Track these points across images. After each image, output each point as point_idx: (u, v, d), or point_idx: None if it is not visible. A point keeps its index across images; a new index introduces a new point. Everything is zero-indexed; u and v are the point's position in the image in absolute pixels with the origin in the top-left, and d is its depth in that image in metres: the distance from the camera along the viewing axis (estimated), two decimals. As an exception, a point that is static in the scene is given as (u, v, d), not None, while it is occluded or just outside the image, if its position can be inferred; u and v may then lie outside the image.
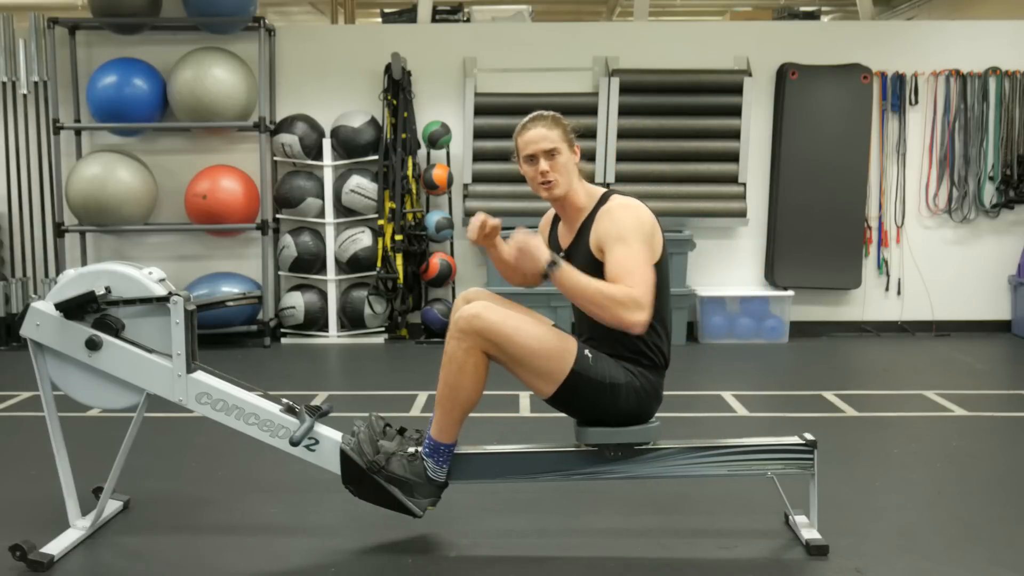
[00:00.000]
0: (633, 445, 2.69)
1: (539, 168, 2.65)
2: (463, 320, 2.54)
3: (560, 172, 2.65)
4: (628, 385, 2.61)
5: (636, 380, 2.62)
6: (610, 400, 2.61)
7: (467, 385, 2.57)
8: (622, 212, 2.61)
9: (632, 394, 2.62)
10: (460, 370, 2.56)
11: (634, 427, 2.67)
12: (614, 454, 2.69)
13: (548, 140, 2.65)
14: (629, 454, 2.69)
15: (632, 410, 2.64)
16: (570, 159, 2.68)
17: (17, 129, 6.48)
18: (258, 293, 6.30)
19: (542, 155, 2.65)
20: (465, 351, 2.54)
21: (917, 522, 2.98)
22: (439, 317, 6.40)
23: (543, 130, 2.65)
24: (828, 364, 5.83)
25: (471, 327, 2.52)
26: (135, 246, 6.66)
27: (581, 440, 2.70)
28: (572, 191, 2.69)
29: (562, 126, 2.69)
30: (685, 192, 6.44)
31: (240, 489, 3.32)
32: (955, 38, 6.62)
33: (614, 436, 2.67)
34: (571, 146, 2.69)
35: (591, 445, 2.70)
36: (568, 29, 6.85)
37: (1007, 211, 6.68)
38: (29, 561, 2.59)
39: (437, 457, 2.65)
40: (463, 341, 2.54)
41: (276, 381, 5.13)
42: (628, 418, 2.66)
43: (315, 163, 6.47)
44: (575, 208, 2.72)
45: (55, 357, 2.75)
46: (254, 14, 6.37)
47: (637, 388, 2.62)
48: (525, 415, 4.31)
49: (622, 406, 2.62)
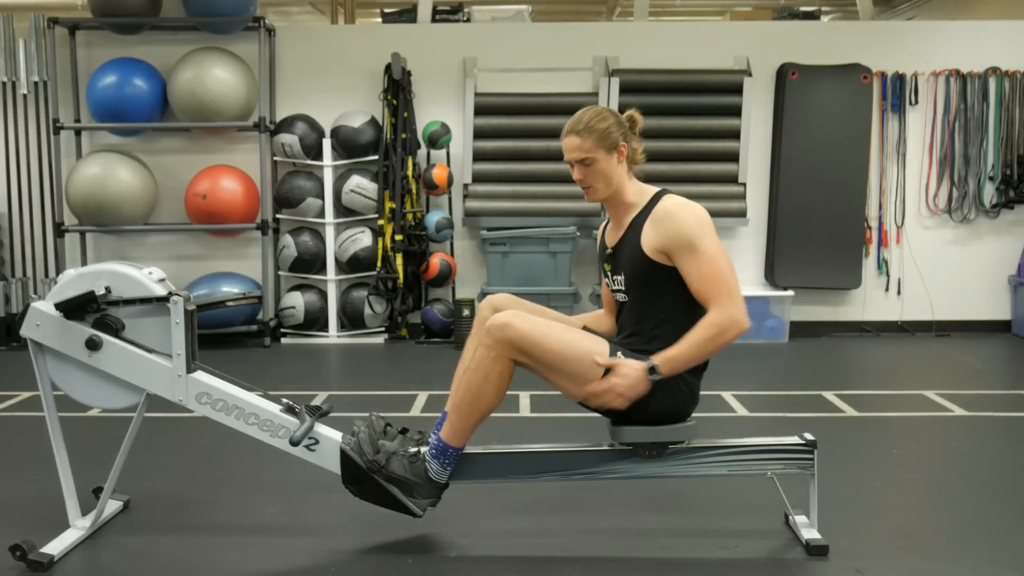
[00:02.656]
0: (668, 444, 2.69)
1: (575, 175, 2.68)
2: (495, 328, 2.53)
3: (596, 179, 2.66)
4: (663, 385, 2.60)
5: (671, 380, 2.60)
6: (644, 400, 2.58)
7: (490, 392, 2.58)
8: (682, 213, 2.60)
9: (667, 394, 2.60)
10: (486, 378, 2.56)
11: (669, 426, 2.66)
12: (649, 453, 2.69)
13: (580, 150, 2.64)
14: (661, 452, 2.69)
15: (667, 411, 2.64)
16: (609, 163, 2.65)
17: (17, 129, 6.48)
18: (258, 293, 6.30)
19: (576, 164, 2.67)
20: (494, 359, 2.54)
21: (917, 522, 2.98)
22: (439, 317, 6.40)
23: (576, 140, 2.65)
24: (828, 364, 5.83)
25: (503, 335, 2.52)
26: (135, 246, 6.66)
27: (616, 439, 2.70)
28: (617, 191, 2.69)
29: (597, 132, 2.64)
30: (685, 192, 6.27)
31: (240, 489, 3.32)
32: (955, 38, 6.62)
33: (649, 435, 2.67)
34: (609, 150, 2.65)
35: (625, 444, 2.69)
36: (568, 29, 6.85)
37: (1007, 211, 6.69)
38: (29, 561, 2.59)
39: (443, 460, 2.65)
40: (493, 349, 2.54)
41: (276, 381, 5.13)
42: (663, 418, 2.65)
43: (315, 163, 6.47)
44: (623, 206, 2.72)
45: (55, 357, 2.74)
46: (254, 14, 6.36)
47: (672, 388, 2.61)
48: (525, 415, 4.31)
49: (656, 407, 2.61)
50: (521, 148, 6.38)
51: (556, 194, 6.34)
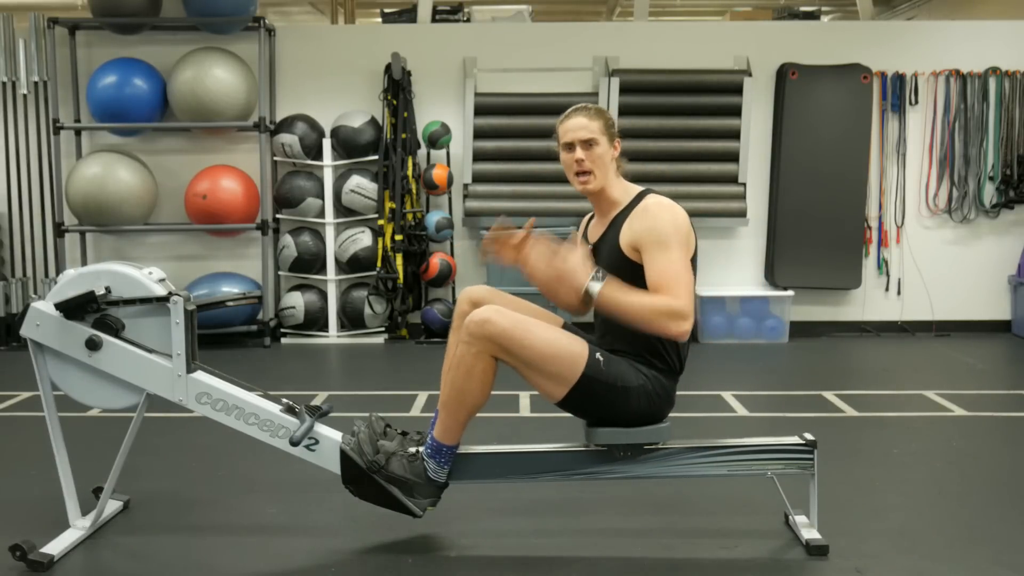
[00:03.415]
0: (643, 445, 2.69)
1: (575, 156, 2.66)
2: (474, 324, 2.52)
3: (596, 164, 2.65)
4: (640, 388, 2.60)
5: (648, 383, 2.61)
6: (621, 403, 2.59)
7: (475, 389, 2.57)
8: (660, 213, 2.59)
9: (643, 397, 2.61)
10: (468, 374, 2.55)
11: (644, 428, 2.66)
12: (624, 454, 2.69)
13: (587, 130, 2.65)
14: (636, 454, 2.69)
15: (643, 413, 2.63)
16: (608, 153, 2.67)
17: (17, 129, 6.48)
18: (258, 293, 6.30)
19: (580, 144, 2.65)
20: (475, 356, 2.53)
21: (917, 522, 2.98)
22: (439, 317, 6.40)
23: (584, 120, 2.66)
24: (828, 364, 5.83)
25: (482, 332, 2.51)
26: (135, 246, 6.66)
27: (591, 440, 2.69)
28: (608, 186, 2.69)
29: (604, 119, 2.69)
30: (685, 192, 6.43)
31: (240, 489, 3.32)
32: (955, 38, 6.62)
33: (624, 437, 2.66)
34: (611, 140, 2.69)
35: (600, 445, 2.69)
36: (568, 29, 6.85)
37: (1007, 211, 6.68)
38: (29, 561, 2.59)
39: (439, 458, 2.65)
40: (472, 346, 2.53)
41: (276, 381, 5.13)
42: (638, 420, 2.65)
43: (315, 163, 6.47)
44: (609, 202, 2.71)
45: (55, 357, 2.74)
46: (254, 14, 6.37)
47: (649, 391, 2.61)
48: (525, 415, 4.31)
49: (632, 409, 2.61)
50: (521, 148, 6.38)
51: (556, 194, 6.34)
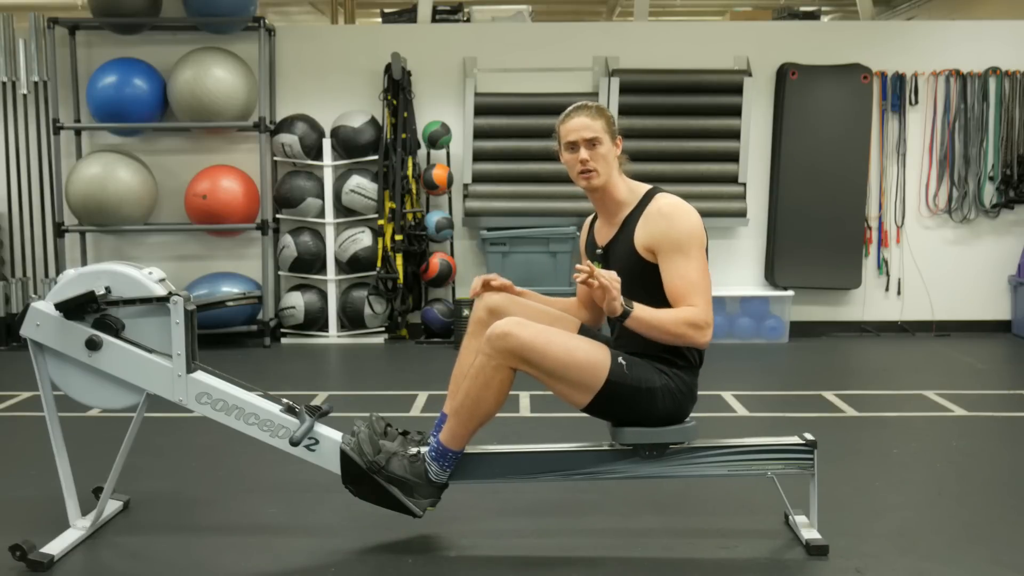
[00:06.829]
0: (668, 445, 2.69)
1: (579, 156, 2.65)
2: (495, 338, 2.52)
3: (599, 162, 2.65)
4: (663, 388, 2.60)
5: (671, 382, 2.61)
6: (647, 404, 2.60)
7: (490, 399, 2.57)
8: (677, 216, 2.59)
9: (668, 396, 2.61)
10: (486, 385, 2.56)
11: (670, 427, 2.66)
12: (650, 454, 2.69)
13: (590, 129, 2.65)
14: (661, 453, 2.69)
15: (669, 412, 2.64)
16: (611, 151, 2.67)
17: (17, 129, 6.48)
18: (258, 293, 6.30)
19: (583, 143, 2.65)
20: (494, 368, 2.54)
21: (917, 522, 2.98)
22: (439, 317, 6.41)
23: (586, 119, 2.66)
24: (828, 364, 5.83)
25: (504, 345, 2.51)
26: (135, 246, 6.66)
27: (617, 440, 2.69)
28: (612, 184, 2.68)
29: (606, 117, 2.69)
30: (685, 192, 6.29)
31: (240, 489, 3.32)
32: (955, 38, 6.62)
33: (651, 436, 2.67)
34: (613, 138, 2.69)
35: (626, 445, 2.69)
36: (568, 29, 6.85)
37: (1007, 211, 6.68)
38: (29, 561, 2.59)
39: (442, 462, 2.65)
40: (493, 359, 2.53)
41: (276, 381, 5.13)
42: (665, 420, 2.65)
43: (315, 163, 6.47)
44: (615, 202, 2.70)
45: (55, 357, 2.74)
46: (254, 14, 6.37)
47: (672, 390, 2.62)
48: (525, 415, 4.31)
49: (659, 409, 2.62)
50: (521, 148, 6.37)
51: (556, 194, 6.34)
